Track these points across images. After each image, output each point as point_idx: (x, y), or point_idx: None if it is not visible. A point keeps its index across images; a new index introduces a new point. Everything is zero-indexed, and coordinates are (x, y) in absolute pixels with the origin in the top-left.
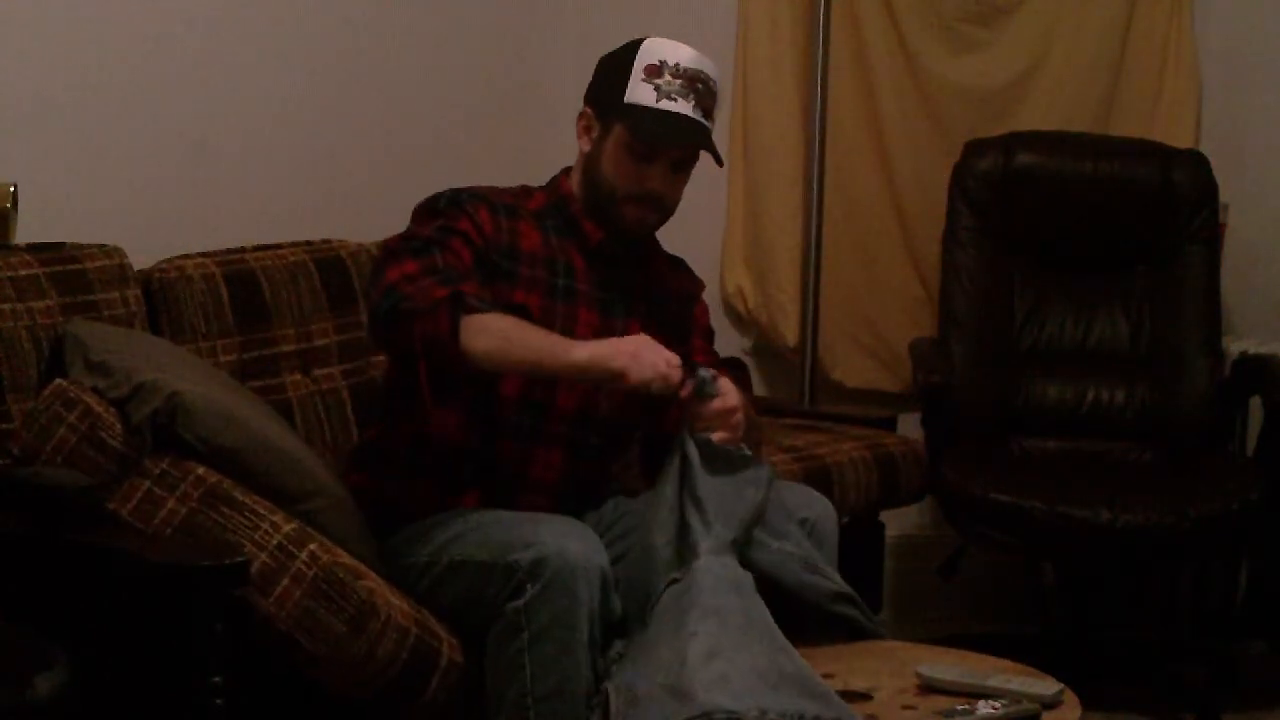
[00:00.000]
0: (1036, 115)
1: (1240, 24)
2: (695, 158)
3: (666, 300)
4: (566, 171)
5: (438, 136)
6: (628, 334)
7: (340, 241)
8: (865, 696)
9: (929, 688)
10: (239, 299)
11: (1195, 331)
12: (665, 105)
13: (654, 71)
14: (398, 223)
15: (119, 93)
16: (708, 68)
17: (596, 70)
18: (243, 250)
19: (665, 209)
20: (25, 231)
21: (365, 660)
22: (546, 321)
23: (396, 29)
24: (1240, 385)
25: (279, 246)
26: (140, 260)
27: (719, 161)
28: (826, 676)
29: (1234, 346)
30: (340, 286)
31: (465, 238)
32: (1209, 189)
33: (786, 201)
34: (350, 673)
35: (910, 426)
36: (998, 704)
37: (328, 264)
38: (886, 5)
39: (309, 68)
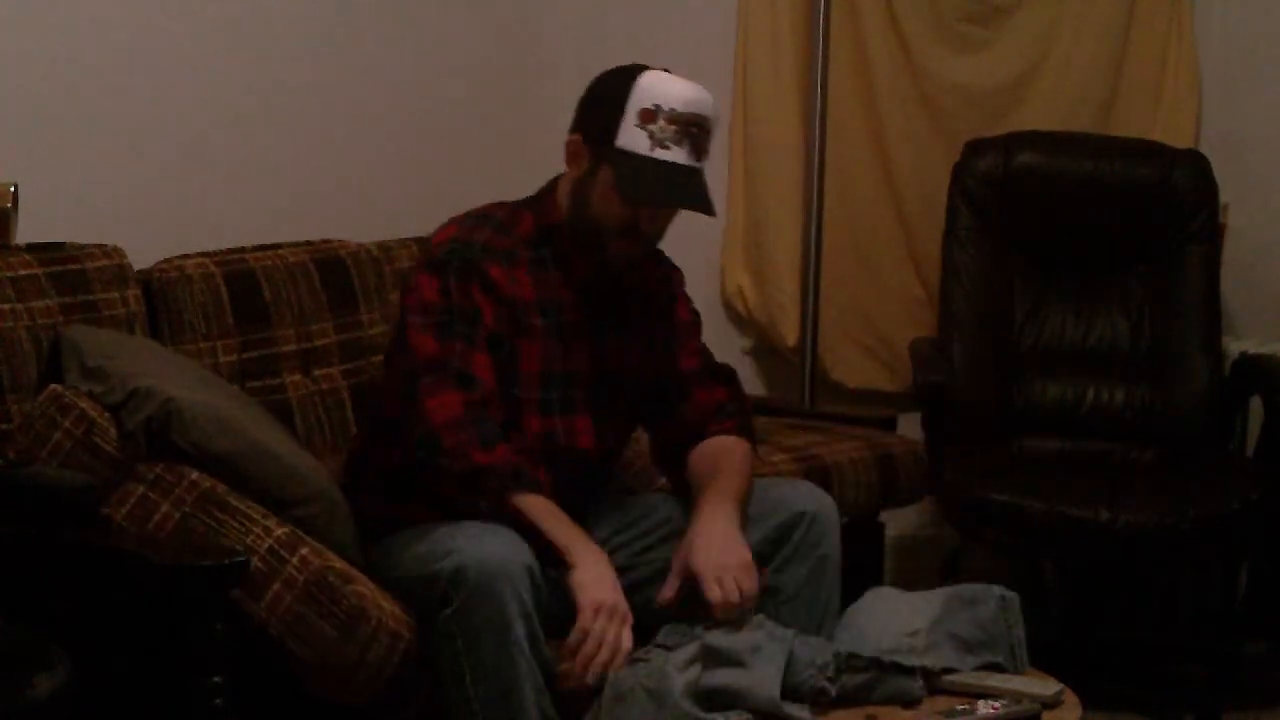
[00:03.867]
0: (1036, 115)
1: (1240, 24)
2: None
3: (653, 302)
4: (556, 183)
5: (437, 136)
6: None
7: (340, 241)
8: None
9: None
10: (239, 299)
11: (1195, 331)
12: (659, 154)
13: (648, 117)
14: (397, 223)
15: (119, 93)
16: (704, 107)
17: (588, 96)
18: (243, 250)
19: (652, 241)
20: (25, 231)
21: (356, 665)
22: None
23: (397, 29)
24: (1240, 385)
25: (279, 246)
26: (140, 260)
27: (710, 213)
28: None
29: (1234, 346)
30: (340, 286)
31: (481, 324)
32: (1209, 189)
33: (786, 201)
34: (342, 677)
35: (910, 426)
36: (998, 704)
37: (328, 264)
38: (886, 5)
39: (309, 67)
